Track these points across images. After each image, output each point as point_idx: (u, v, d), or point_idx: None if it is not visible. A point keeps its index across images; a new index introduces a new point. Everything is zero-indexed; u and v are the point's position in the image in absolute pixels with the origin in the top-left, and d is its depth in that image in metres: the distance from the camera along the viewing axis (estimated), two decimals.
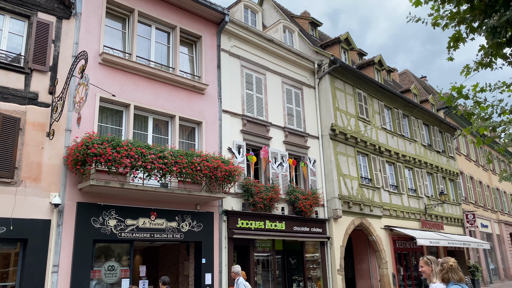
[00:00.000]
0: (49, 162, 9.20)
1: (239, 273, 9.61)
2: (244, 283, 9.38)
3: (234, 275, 9.66)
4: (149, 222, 10.49)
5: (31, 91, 9.29)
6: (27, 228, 8.56)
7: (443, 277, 4.19)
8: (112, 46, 11.08)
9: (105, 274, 9.82)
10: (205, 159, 10.65)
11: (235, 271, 9.67)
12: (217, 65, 13.37)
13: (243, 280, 9.44)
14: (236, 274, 9.59)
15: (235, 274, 9.62)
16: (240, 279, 9.46)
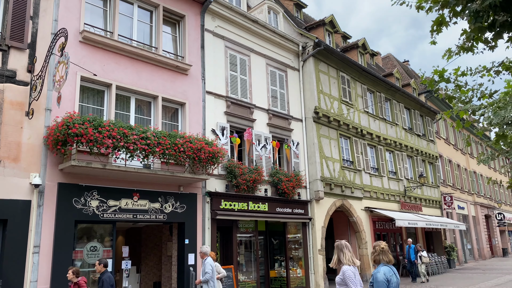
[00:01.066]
0: (29, 142, 9.02)
1: (207, 253, 9.32)
2: (211, 263, 9.15)
3: (202, 255, 9.38)
4: (132, 203, 10.45)
5: (8, 69, 9.02)
6: (6, 208, 8.44)
7: (375, 259, 4.61)
8: (93, 24, 10.80)
9: (87, 254, 9.79)
10: (188, 141, 10.60)
11: (203, 251, 9.38)
12: (200, 46, 13.20)
13: (210, 260, 9.20)
14: (204, 254, 9.31)
15: (203, 254, 9.35)
16: (208, 259, 9.17)
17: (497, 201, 37.51)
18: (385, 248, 4.64)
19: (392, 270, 4.50)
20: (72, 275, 7.88)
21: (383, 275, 4.41)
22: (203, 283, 8.85)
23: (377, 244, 4.69)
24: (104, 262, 8.23)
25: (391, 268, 4.52)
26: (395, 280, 4.45)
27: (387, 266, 4.53)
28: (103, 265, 8.18)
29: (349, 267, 4.92)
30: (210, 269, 8.83)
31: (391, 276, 4.43)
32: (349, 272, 4.89)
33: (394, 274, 4.51)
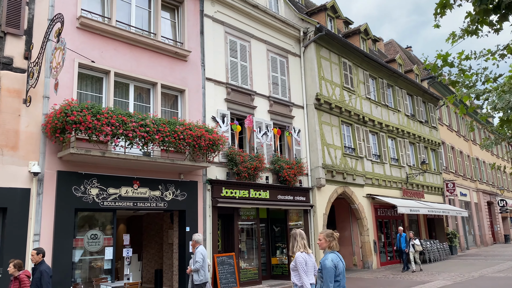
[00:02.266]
0: (27, 130, 8.94)
1: (199, 242, 8.95)
2: (203, 252, 8.81)
3: (194, 243, 8.97)
4: (132, 191, 10.40)
5: (5, 56, 8.90)
6: (5, 197, 8.40)
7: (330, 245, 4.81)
8: (90, 9, 10.63)
9: (88, 242, 9.78)
10: (188, 128, 10.50)
11: (195, 239, 8.97)
12: (200, 31, 13.01)
13: (202, 249, 8.82)
14: (196, 242, 8.93)
15: (195, 242, 8.94)
16: (200, 247, 8.80)
17: (500, 187, 37.44)
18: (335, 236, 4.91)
19: (338, 256, 4.75)
20: (14, 269, 6.91)
21: (330, 262, 4.59)
22: (193, 272, 8.62)
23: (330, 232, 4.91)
24: (41, 251, 7.10)
25: (337, 254, 4.76)
26: (341, 265, 4.68)
27: (333, 253, 4.74)
28: (41, 255, 7.03)
29: (301, 253, 5.37)
30: (201, 258, 8.56)
31: (338, 261, 4.67)
32: (300, 259, 5.37)
33: (340, 260, 4.74)
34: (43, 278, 6.65)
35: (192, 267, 8.66)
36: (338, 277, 4.58)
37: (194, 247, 8.87)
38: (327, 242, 4.83)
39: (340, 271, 4.62)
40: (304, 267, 5.23)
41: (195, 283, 8.47)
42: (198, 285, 8.42)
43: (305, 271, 5.20)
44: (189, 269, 8.72)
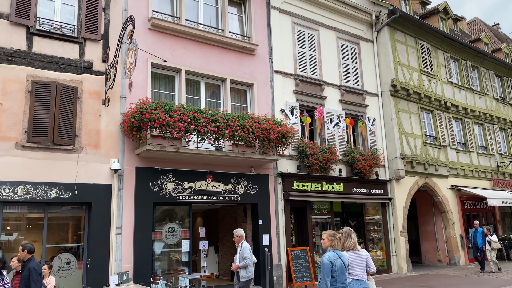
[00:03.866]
0: (107, 129, 9.49)
1: (243, 237, 8.25)
2: (249, 247, 8.19)
3: (238, 238, 8.20)
4: (206, 185, 10.62)
5: (85, 60, 9.51)
6: (90, 192, 8.99)
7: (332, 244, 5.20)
8: (160, 10, 10.99)
9: (166, 235, 10.18)
10: (257, 121, 10.48)
11: (239, 235, 8.24)
12: (267, 24, 12.89)
13: (247, 244, 8.18)
14: (241, 237, 8.20)
15: (240, 237, 8.20)
16: (244, 243, 8.14)
17: None
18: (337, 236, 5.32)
19: (337, 254, 5.14)
20: (18, 264, 6.57)
21: (327, 259, 5.02)
22: (241, 268, 7.89)
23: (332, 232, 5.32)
24: (28, 248, 6.42)
25: (336, 253, 5.15)
26: (339, 262, 5.05)
27: (333, 251, 5.14)
28: (27, 251, 6.38)
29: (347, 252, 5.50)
30: (249, 253, 7.96)
31: (336, 259, 5.06)
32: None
33: (339, 257, 5.11)
34: (31, 275, 6.11)
35: (238, 263, 7.93)
36: (334, 273, 5.01)
37: (238, 242, 8.14)
38: (329, 241, 5.21)
39: (337, 268, 5.01)
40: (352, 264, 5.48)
41: (242, 279, 7.86)
42: (245, 282, 7.84)
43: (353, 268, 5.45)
44: (235, 266, 7.96)
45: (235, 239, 8.13)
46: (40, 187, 8.47)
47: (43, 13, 9.32)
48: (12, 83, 8.57)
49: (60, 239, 9.26)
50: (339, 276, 5.01)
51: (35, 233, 8.95)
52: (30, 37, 8.94)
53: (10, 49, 8.68)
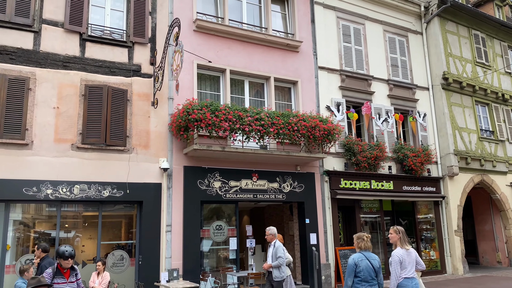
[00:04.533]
0: (156, 129, 9.77)
1: (276, 235, 7.85)
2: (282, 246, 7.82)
3: (271, 237, 7.79)
4: (252, 183, 10.67)
5: (134, 64, 9.84)
6: (141, 191, 9.30)
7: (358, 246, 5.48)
8: (204, 11, 11.16)
9: (213, 233, 10.33)
10: (302, 119, 10.39)
11: (272, 233, 7.82)
12: (311, 20, 12.73)
13: (281, 244, 7.79)
14: (273, 236, 7.80)
15: (272, 236, 7.79)
16: (277, 242, 7.76)
17: None
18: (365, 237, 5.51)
19: (364, 255, 5.37)
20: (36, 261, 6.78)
21: (352, 260, 5.34)
22: (274, 268, 7.54)
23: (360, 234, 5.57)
24: (42, 247, 6.80)
25: (364, 254, 5.39)
26: (365, 263, 5.28)
27: (359, 253, 5.41)
28: (41, 250, 6.75)
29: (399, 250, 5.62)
30: (283, 253, 7.63)
31: (361, 260, 5.32)
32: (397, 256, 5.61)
33: (366, 258, 5.33)
34: None
35: (271, 262, 7.58)
36: (359, 273, 5.28)
37: (271, 241, 7.76)
38: (357, 243, 5.50)
39: (362, 269, 5.26)
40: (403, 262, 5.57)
41: (275, 279, 7.52)
42: (278, 282, 7.52)
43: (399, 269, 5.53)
44: (267, 265, 7.62)
45: (267, 237, 7.82)
46: (94, 186, 8.86)
47: (94, 19, 9.74)
48: (67, 87, 9.03)
49: (113, 237, 9.65)
50: (366, 276, 5.27)
51: (90, 231, 9.39)
52: (82, 43, 9.38)
53: (65, 55, 9.14)
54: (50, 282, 4.69)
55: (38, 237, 8.90)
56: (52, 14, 9.17)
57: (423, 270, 5.94)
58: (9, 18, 8.71)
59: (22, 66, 8.71)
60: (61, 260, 4.88)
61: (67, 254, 4.86)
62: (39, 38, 8.97)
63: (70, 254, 4.88)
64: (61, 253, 4.86)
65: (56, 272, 4.84)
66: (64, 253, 4.85)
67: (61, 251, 4.88)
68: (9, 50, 8.66)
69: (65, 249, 4.88)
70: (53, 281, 4.76)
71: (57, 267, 4.90)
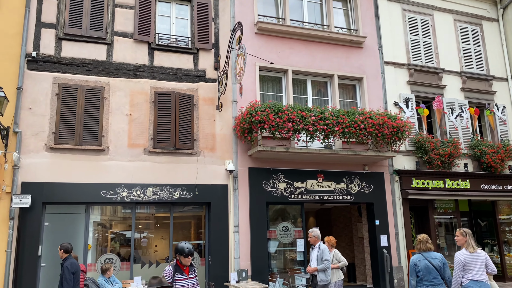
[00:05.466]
0: (221, 132, 9.96)
1: (319, 237, 7.46)
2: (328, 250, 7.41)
3: (314, 239, 7.42)
4: (317, 184, 10.51)
5: (199, 69, 10.12)
6: (209, 192, 9.53)
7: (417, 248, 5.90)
8: (265, 14, 11.21)
9: (280, 234, 10.31)
10: (368, 117, 10.05)
11: (315, 235, 7.43)
12: (374, 14, 12.31)
13: (326, 246, 7.41)
14: (317, 238, 7.41)
15: (316, 238, 7.41)
16: (322, 244, 7.39)
17: None
18: (423, 239, 5.90)
19: (423, 256, 5.78)
20: None
21: (411, 261, 5.81)
22: (319, 272, 7.15)
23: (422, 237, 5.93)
24: (64, 247, 6.72)
25: (423, 254, 5.79)
26: (423, 263, 5.70)
27: (418, 254, 5.82)
28: (63, 251, 6.71)
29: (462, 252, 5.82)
30: (329, 255, 7.25)
31: (419, 261, 5.76)
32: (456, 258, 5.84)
33: (426, 259, 5.73)
34: (64, 274, 6.41)
35: (316, 265, 7.23)
36: (419, 273, 5.73)
37: (315, 243, 7.43)
38: (416, 245, 5.94)
39: (421, 268, 5.69)
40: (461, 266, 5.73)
41: (320, 283, 7.13)
42: (323, 286, 7.17)
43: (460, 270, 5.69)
44: (312, 269, 7.25)
45: (310, 239, 7.51)
46: (165, 189, 9.23)
47: (161, 28, 10.16)
48: (138, 95, 9.50)
49: (183, 237, 9.97)
50: (425, 275, 5.67)
51: (162, 231, 9.78)
52: (151, 52, 9.82)
53: (135, 64, 9.63)
54: (171, 280, 4.65)
55: (114, 238, 9.46)
56: (122, 26, 9.71)
57: (494, 274, 5.90)
58: (84, 32, 9.35)
59: (97, 76, 9.31)
60: (181, 257, 4.76)
61: (187, 251, 4.73)
62: (111, 50, 9.54)
63: (190, 251, 4.75)
64: (180, 250, 4.75)
65: (176, 269, 4.75)
66: (184, 250, 4.72)
67: (180, 247, 4.76)
68: (86, 62, 9.29)
69: (185, 246, 4.75)
70: (175, 278, 4.69)
71: (176, 264, 4.80)
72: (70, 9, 9.34)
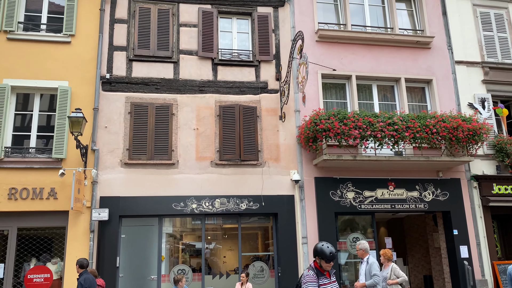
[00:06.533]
0: (285, 142, 9.93)
1: (368, 250, 7.08)
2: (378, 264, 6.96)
3: (362, 252, 7.09)
4: (388, 193, 10.08)
5: (261, 81, 10.21)
6: (275, 203, 9.49)
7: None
8: (325, 21, 11.08)
9: (350, 245, 9.99)
10: (441, 120, 9.52)
11: (363, 248, 7.08)
12: (442, 12, 11.70)
13: (375, 260, 7.01)
14: (365, 251, 7.06)
15: (364, 251, 7.07)
16: (371, 257, 7.02)
17: None
18: None
19: None
20: None
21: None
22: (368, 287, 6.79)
23: None
24: (79, 263, 6.84)
25: None
26: None
27: None
28: (78, 266, 6.82)
29: None
30: (378, 270, 6.79)
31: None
32: None
33: None
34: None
35: (364, 281, 6.87)
36: None
37: (362, 256, 7.11)
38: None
39: None
40: None
41: None
42: None
43: None
44: (360, 284, 6.92)
45: (358, 252, 7.17)
46: (232, 200, 9.34)
47: (223, 44, 10.42)
48: (204, 109, 9.77)
49: (250, 248, 10.01)
50: None
51: (230, 242, 9.91)
52: (214, 67, 10.09)
53: (200, 80, 9.94)
54: (317, 285, 4.19)
55: (184, 249, 9.72)
56: (187, 44, 10.08)
57: None
58: (153, 53, 9.84)
59: (166, 94, 9.72)
60: (322, 261, 4.23)
61: (330, 256, 4.19)
62: (178, 68, 9.93)
63: (334, 256, 4.22)
64: (322, 253, 4.22)
65: (317, 273, 4.24)
66: (326, 254, 4.19)
67: (320, 250, 4.23)
68: (154, 81, 9.75)
69: (328, 249, 4.21)
70: (319, 283, 4.20)
71: (316, 268, 4.29)
72: (139, 32, 9.89)
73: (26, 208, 8.65)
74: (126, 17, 9.98)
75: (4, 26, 9.38)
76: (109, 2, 9.97)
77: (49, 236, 9.08)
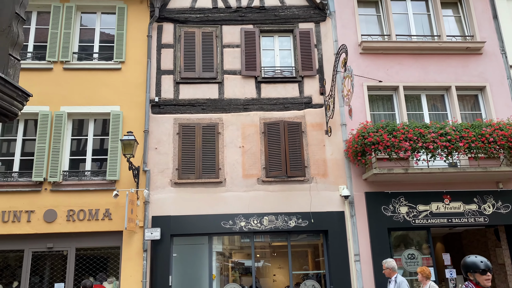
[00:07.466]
0: (332, 157, 9.76)
1: (395, 269, 6.86)
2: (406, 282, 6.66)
3: (389, 271, 6.85)
4: (444, 206, 9.61)
5: (305, 96, 10.17)
6: (325, 220, 9.30)
7: None
8: (369, 33, 10.93)
9: (406, 262, 9.56)
10: (498, 128, 9.02)
11: (389, 266, 6.84)
12: (492, 16, 11.19)
13: (404, 279, 6.74)
14: (392, 270, 6.83)
15: (391, 270, 6.83)
16: (399, 276, 6.77)
17: None
18: None
19: None
20: None
21: None
22: None
23: None
24: (83, 284, 7.45)
25: None
26: None
27: None
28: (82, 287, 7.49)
29: None
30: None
31: None
32: None
33: None
34: None
35: None
36: None
37: (390, 275, 6.86)
38: None
39: None
40: None
41: None
42: None
43: None
44: None
45: (385, 271, 6.88)
46: (281, 217, 9.26)
47: (265, 62, 10.52)
48: (249, 127, 9.84)
49: (300, 266, 9.82)
50: None
51: (279, 260, 9.78)
52: (258, 85, 10.18)
53: (244, 99, 10.05)
54: None
55: (234, 267, 9.70)
56: (230, 64, 10.27)
57: None
58: (198, 75, 10.10)
59: (212, 114, 9.91)
60: (476, 275, 3.50)
61: (483, 265, 3.48)
62: (222, 88, 10.11)
63: (487, 265, 3.49)
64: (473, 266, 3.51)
65: None
66: (478, 265, 3.48)
67: (471, 262, 3.53)
68: (201, 102, 9.97)
69: (478, 258, 3.53)
70: None
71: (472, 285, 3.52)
72: (184, 55, 10.20)
73: (83, 229, 9.02)
74: (172, 41, 10.34)
75: (61, 57, 9.99)
76: (155, 28, 10.39)
77: (104, 255, 9.39)
